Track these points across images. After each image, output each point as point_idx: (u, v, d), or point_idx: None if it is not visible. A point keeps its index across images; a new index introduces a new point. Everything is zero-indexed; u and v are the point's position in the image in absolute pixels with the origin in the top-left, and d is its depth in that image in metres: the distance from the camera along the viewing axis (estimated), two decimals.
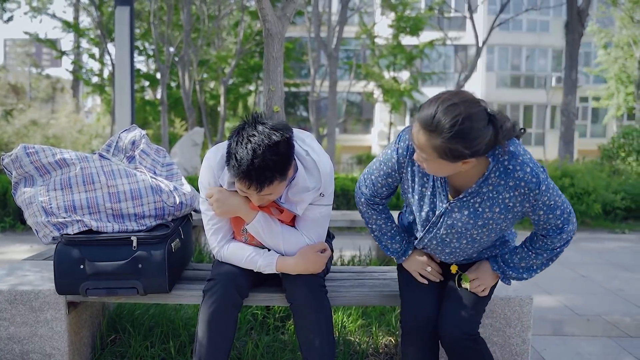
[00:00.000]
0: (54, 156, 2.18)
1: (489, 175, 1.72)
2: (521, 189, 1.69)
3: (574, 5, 11.35)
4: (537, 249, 1.85)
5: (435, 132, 1.56)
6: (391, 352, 2.63)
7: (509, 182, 1.70)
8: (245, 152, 1.75)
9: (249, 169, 1.76)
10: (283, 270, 2.00)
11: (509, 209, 1.75)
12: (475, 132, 1.55)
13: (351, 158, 25.10)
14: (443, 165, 1.65)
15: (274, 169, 1.77)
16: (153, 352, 2.48)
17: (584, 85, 24.15)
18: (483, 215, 1.77)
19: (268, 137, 1.77)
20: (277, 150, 1.77)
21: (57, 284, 2.08)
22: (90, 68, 19.99)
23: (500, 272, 1.93)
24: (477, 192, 1.75)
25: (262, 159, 1.75)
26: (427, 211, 1.87)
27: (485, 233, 1.83)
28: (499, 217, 1.77)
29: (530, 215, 1.78)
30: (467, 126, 1.54)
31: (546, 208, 1.73)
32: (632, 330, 3.37)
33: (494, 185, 1.72)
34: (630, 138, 11.40)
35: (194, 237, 4.13)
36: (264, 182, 1.79)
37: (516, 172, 1.68)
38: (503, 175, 1.70)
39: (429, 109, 1.58)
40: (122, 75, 6.99)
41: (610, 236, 7.32)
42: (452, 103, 1.55)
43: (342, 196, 7.63)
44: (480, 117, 1.56)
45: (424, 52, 18.75)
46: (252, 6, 16.08)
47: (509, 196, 1.72)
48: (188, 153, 10.06)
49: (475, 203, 1.77)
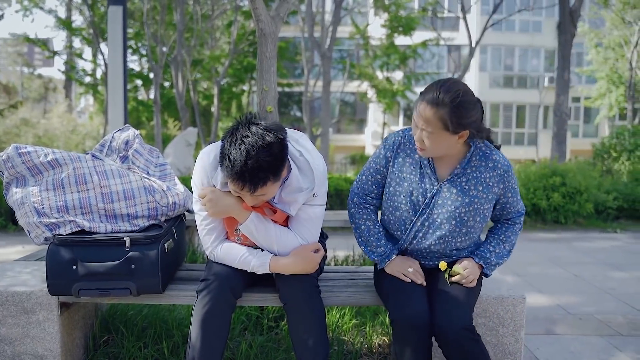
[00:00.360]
0: (46, 156, 2.17)
1: (471, 158, 2.03)
2: (498, 170, 2.03)
3: (566, 5, 11.40)
4: (505, 232, 2.16)
5: (442, 105, 1.86)
6: (385, 352, 2.64)
7: (488, 164, 2.03)
8: (239, 153, 1.75)
9: (242, 170, 1.76)
10: (276, 270, 2.00)
11: (489, 188, 2.03)
12: (472, 105, 1.90)
13: (345, 158, 25.12)
14: (443, 140, 1.91)
15: (267, 170, 1.77)
16: (146, 353, 2.47)
17: (577, 86, 24.28)
18: (469, 193, 2.02)
19: (261, 138, 1.77)
20: (270, 151, 1.77)
21: (49, 284, 2.07)
22: (83, 68, 19.90)
23: (482, 261, 2.09)
24: (463, 173, 2.03)
25: (256, 160, 1.75)
26: (417, 195, 2.05)
27: (471, 214, 2.03)
28: (482, 196, 2.03)
29: (501, 199, 2.09)
30: (465, 99, 1.88)
31: (513, 191, 2.10)
32: (624, 329, 3.39)
33: (476, 167, 2.03)
34: (622, 138, 11.47)
35: (187, 237, 4.12)
36: (258, 183, 1.79)
37: (493, 156, 2.04)
38: (483, 158, 2.04)
39: (433, 90, 1.89)
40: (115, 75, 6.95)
41: (602, 235, 7.37)
42: (451, 83, 1.91)
43: (336, 196, 7.63)
44: (472, 94, 1.93)
45: (417, 52, 18.78)
46: (246, 6, 16.06)
47: (489, 176, 2.03)
48: (181, 153, 10.03)
49: (462, 182, 2.03)
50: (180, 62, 15.03)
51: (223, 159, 1.81)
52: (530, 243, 6.71)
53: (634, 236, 7.32)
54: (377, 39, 18.27)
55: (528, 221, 8.01)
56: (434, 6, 17.30)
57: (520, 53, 26.68)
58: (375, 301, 2.22)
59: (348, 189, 7.52)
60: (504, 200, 2.09)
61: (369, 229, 2.16)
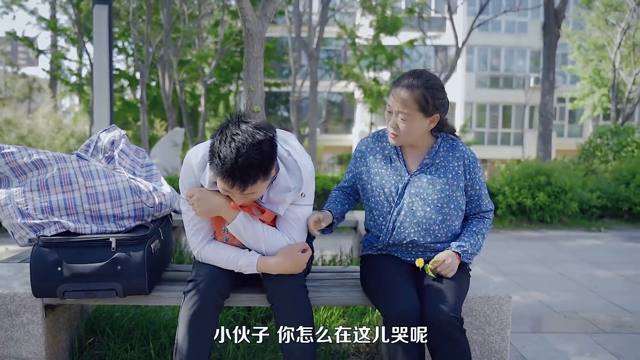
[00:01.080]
0: (30, 157, 2.14)
1: (438, 149, 2.17)
2: (464, 160, 2.16)
3: (551, 7, 11.52)
4: (477, 224, 2.22)
5: (416, 87, 2.04)
6: (372, 352, 2.65)
7: (455, 154, 2.17)
8: (229, 151, 1.75)
9: (232, 168, 1.75)
10: (264, 270, 2.00)
11: (459, 176, 2.15)
12: (441, 88, 2.09)
13: (332, 158, 25.14)
14: (417, 122, 2.06)
15: (257, 168, 1.77)
16: (133, 355, 2.45)
17: (562, 86, 24.51)
18: (439, 181, 2.14)
19: (252, 136, 1.77)
20: (260, 149, 1.77)
21: (33, 286, 2.05)
22: (69, 68, 19.69)
23: (459, 250, 2.12)
24: (432, 163, 2.16)
25: (246, 157, 1.74)
26: (389, 187, 2.16)
27: (445, 200, 2.12)
28: (453, 183, 2.14)
29: (469, 191, 2.19)
30: (437, 82, 2.08)
31: (480, 184, 2.20)
32: (607, 327, 3.44)
33: (444, 157, 2.17)
34: (605, 138, 11.61)
35: (174, 238, 4.10)
36: (248, 181, 1.78)
37: (459, 147, 2.19)
38: (450, 148, 2.18)
39: (406, 77, 2.08)
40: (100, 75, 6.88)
41: (586, 234, 7.45)
42: (421, 71, 2.10)
43: (323, 196, 7.64)
44: (439, 79, 2.11)
45: (405, 52, 18.83)
46: (233, 6, 16.00)
47: (457, 164, 2.15)
48: (168, 153, 9.98)
49: (431, 171, 2.15)
50: (167, 62, 14.93)
51: (213, 157, 1.80)
52: (516, 242, 6.76)
53: (617, 235, 7.41)
54: (363, 39, 18.30)
55: (514, 220, 8.08)
56: (422, 7, 17.36)
57: (506, 53, 26.88)
58: (362, 301, 2.22)
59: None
60: (472, 192, 2.19)
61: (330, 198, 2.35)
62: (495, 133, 26.92)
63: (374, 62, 18.86)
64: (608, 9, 16.52)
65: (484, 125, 26.76)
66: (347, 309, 3.01)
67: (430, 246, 2.14)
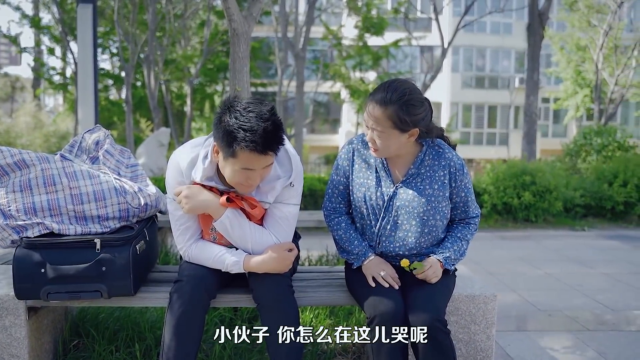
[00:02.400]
0: (12, 157, 2.11)
1: (424, 158, 2.10)
2: (450, 167, 2.09)
3: (535, 8, 11.63)
4: (462, 230, 2.18)
5: (390, 103, 1.94)
6: (359, 352, 2.65)
7: (441, 162, 2.09)
8: (254, 121, 1.77)
9: (265, 133, 1.77)
10: (250, 268, 2.00)
11: (445, 185, 2.09)
12: (419, 103, 1.97)
13: (319, 158, 25.14)
14: (394, 138, 1.98)
15: (281, 129, 1.84)
16: (118, 357, 2.44)
17: (546, 87, 24.75)
18: (425, 192, 2.08)
19: (262, 103, 1.83)
20: (275, 112, 1.83)
21: (16, 288, 2.03)
22: (53, 67, 19.46)
23: (442, 257, 2.10)
24: (418, 173, 2.10)
25: (272, 121, 1.80)
26: (375, 199, 2.11)
27: (430, 212, 2.08)
28: (439, 194, 2.09)
29: (454, 198, 2.13)
30: (412, 97, 1.96)
31: (467, 190, 2.14)
32: (590, 324, 3.48)
33: (430, 166, 2.10)
34: (589, 138, 11.75)
35: (160, 239, 4.07)
36: (279, 144, 1.84)
37: (445, 154, 2.10)
38: (436, 156, 2.10)
39: (381, 91, 1.97)
40: (85, 74, 6.83)
41: (570, 233, 7.54)
42: (398, 82, 1.99)
43: (310, 196, 7.64)
44: (420, 92, 2.00)
45: (390, 53, 18.88)
46: (219, 5, 15.93)
47: (443, 174, 2.09)
48: (154, 154, 9.89)
49: (417, 182, 2.09)
50: (152, 61, 14.82)
51: (236, 134, 1.77)
52: (501, 241, 6.82)
53: (600, 234, 7.51)
54: (349, 39, 18.33)
55: (499, 219, 8.15)
56: (407, 8, 17.42)
57: (491, 54, 27.08)
58: (349, 301, 2.23)
59: (322, 189, 7.53)
60: (457, 199, 2.14)
61: (342, 235, 2.20)
62: (480, 133, 27.11)
63: (360, 62, 18.89)
64: (590, 10, 16.71)
65: (469, 126, 26.93)
66: (334, 309, 3.02)
67: (418, 253, 2.14)
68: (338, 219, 2.23)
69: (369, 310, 1.97)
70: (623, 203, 8.48)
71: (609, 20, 16.05)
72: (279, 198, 2.04)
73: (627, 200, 8.47)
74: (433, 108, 2.08)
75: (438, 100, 25.74)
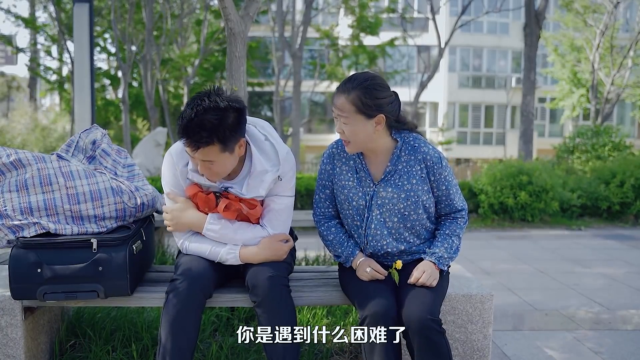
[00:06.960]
0: (8, 157, 2.11)
1: (400, 154, 2.10)
2: (427, 161, 2.08)
3: (532, 8, 11.65)
4: (449, 226, 2.16)
5: (352, 90, 1.98)
6: (356, 351, 2.65)
7: (418, 157, 2.09)
8: (190, 112, 1.86)
9: (187, 125, 1.86)
10: (246, 259, 2.05)
11: (423, 180, 2.09)
12: (383, 87, 2.01)
13: (316, 158, 25.12)
14: (360, 125, 1.99)
15: (211, 132, 1.85)
16: (114, 357, 2.43)
17: (543, 86, 24.79)
18: (404, 188, 2.08)
19: (215, 102, 1.87)
20: (220, 114, 1.86)
21: (12, 288, 2.02)
22: (50, 67, 19.40)
23: (434, 258, 2.08)
24: (395, 170, 2.10)
25: (201, 118, 1.84)
26: (357, 200, 2.13)
27: (411, 207, 2.09)
28: (418, 189, 2.08)
29: (435, 192, 2.12)
30: (376, 82, 2.00)
31: (447, 184, 2.11)
32: (587, 324, 3.49)
33: (407, 162, 2.09)
34: (585, 137, 11.77)
35: (157, 238, 4.07)
36: (200, 142, 1.86)
37: (421, 148, 2.09)
38: (412, 151, 2.09)
39: (346, 81, 2.03)
40: (81, 74, 6.81)
41: (567, 233, 7.55)
42: (362, 72, 2.04)
43: (307, 196, 7.64)
44: (383, 80, 2.04)
45: (387, 52, 18.89)
46: (215, 5, 15.91)
47: (420, 168, 2.08)
48: (151, 153, 9.86)
49: (396, 179, 2.10)
50: (149, 61, 14.80)
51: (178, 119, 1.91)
52: (498, 241, 6.83)
53: (596, 233, 7.52)
54: (345, 39, 18.33)
55: (496, 219, 8.16)
56: (404, 8, 17.43)
57: (488, 54, 27.12)
58: (345, 300, 2.23)
59: None
60: (438, 193, 2.12)
61: (332, 239, 2.22)
62: (477, 133, 27.14)
63: (356, 62, 18.89)
64: (587, 10, 16.75)
65: (466, 125, 26.96)
66: (331, 308, 3.02)
67: (408, 250, 2.15)
68: (328, 223, 2.25)
69: (360, 310, 1.98)
70: (619, 203, 8.50)
71: (605, 20, 16.09)
72: (272, 191, 2.10)
73: (623, 201, 8.50)
74: (430, 108, 2.09)
75: (435, 100, 25.77)
